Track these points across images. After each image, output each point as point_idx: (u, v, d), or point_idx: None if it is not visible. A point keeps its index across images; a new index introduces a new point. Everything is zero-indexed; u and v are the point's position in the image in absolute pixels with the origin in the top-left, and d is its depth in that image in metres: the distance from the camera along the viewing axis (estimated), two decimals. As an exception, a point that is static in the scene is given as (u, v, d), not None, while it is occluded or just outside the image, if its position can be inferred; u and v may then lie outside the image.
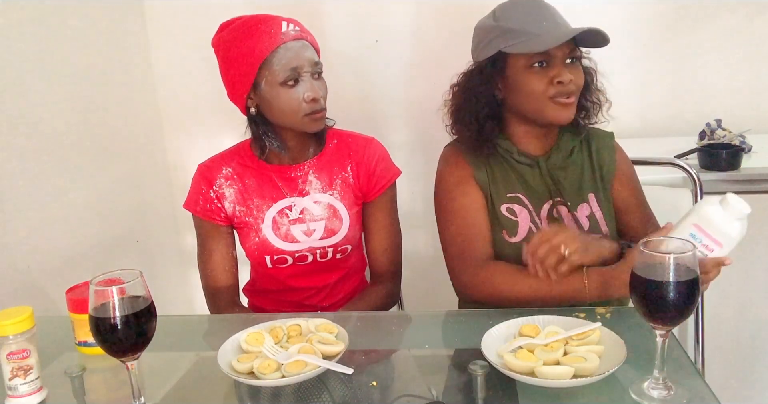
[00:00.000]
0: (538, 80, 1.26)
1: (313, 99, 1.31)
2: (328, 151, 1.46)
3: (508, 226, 1.34)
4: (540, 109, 1.28)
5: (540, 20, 1.26)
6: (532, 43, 1.24)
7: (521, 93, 1.29)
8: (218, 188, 1.43)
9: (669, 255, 0.86)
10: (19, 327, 0.97)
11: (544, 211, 1.36)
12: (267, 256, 1.43)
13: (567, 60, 1.27)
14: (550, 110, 1.28)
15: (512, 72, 1.29)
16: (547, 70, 1.26)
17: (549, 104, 1.27)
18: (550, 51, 1.25)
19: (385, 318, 1.31)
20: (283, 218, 1.42)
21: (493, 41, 1.28)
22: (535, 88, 1.27)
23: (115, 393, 1.07)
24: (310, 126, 1.35)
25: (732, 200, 1.04)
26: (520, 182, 1.37)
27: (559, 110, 1.28)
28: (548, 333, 1.04)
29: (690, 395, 0.92)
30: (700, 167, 1.79)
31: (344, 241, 1.44)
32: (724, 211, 1.04)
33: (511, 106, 1.34)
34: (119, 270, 0.92)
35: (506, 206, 1.35)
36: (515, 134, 1.38)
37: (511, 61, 1.29)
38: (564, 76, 1.25)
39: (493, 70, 1.31)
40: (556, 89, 1.26)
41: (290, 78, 1.30)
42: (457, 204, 1.35)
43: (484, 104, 1.33)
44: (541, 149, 1.38)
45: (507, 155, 1.37)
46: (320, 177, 1.44)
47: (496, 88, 1.33)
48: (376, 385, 1.00)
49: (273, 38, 1.30)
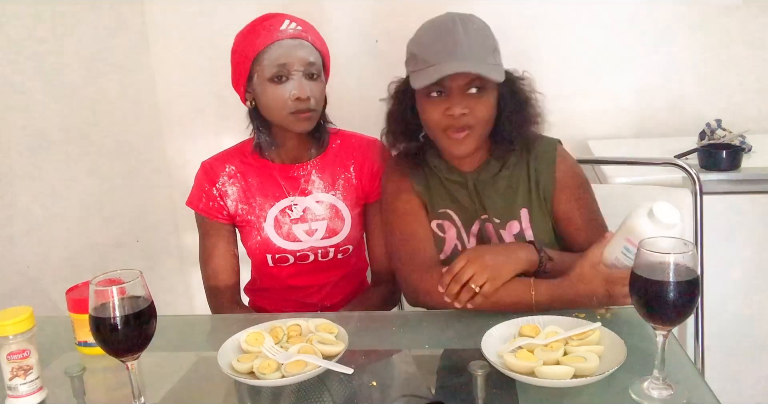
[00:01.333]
0: (433, 110, 1.23)
1: (298, 98, 1.31)
2: (332, 151, 1.46)
3: (436, 242, 1.33)
4: (438, 140, 1.26)
5: (437, 49, 1.20)
6: (418, 77, 1.20)
7: (422, 120, 1.27)
8: (221, 186, 1.43)
9: (669, 255, 0.86)
10: (19, 327, 0.97)
11: (474, 228, 1.33)
12: (268, 255, 1.43)
13: (471, 89, 1.21)
14: (445, 142, 1.25)
15: (418, 97, 1.27)
16: (444, 101, 1.22)
17: (444, 136, 1.24)
18: (445, 82, 1.19)
19: (385, 318, 1.31)
20: (285, 217, 1.42)
21: (406, 63, 1.27)
22: (430, 117, 1.23)
23: (115, 393, 1.07)
24: (295, 125, 1.35)
25: (658, 212, 1.01)
26: (450, 198, 1.34)
27: (452, 145, 1.24)
28: (548, 333, 1.04)
29: (690, 395, 0.91)
30: (700, 167, 1.80)
31: (346, 241, 1.44)
32: (652, 224, 1.02)
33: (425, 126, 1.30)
34: (119, 270, 0.91)
35: (437, 221, 1.34)
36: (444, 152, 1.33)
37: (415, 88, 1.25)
38: (454, 109, 1.20)
39: (406, 92, 1.29)
40: (449, 122, 1.21)
41: (277, 75, 1.31)
42: (399, 212, 1.34)
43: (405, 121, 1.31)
44: (471, 164, 1.33)
45: (437, 172, 1.34)
46: (323, 177, 1.44)
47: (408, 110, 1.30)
48: (376, 385, 1.00)
49: (269, 35, 1.31)
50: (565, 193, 1.32)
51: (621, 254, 1.08)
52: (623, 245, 1.07)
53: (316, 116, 1.36)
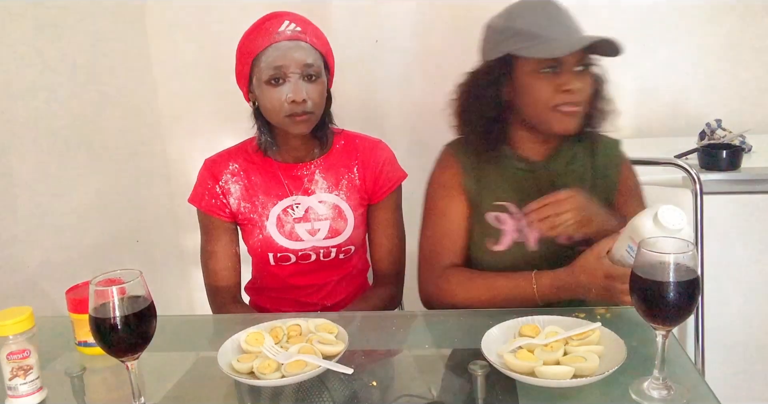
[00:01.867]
0: (545, 87, 1.22)
1: (293, 101, 1.30)
2: (335, 151, 1.46)
3: (492, 234, 1.32)
4: (544, 117, 1.24)
5: (553, 24, 1.22)
6: (543, 48, 1.20)
7: (526, 98, 1.25)
8: (224, 184, 1.43)
9: (669, 255, 0.86)
10: (19, 327, 0.97)
11: None
12: (270, 253, 1.43)
13: (577, 67, 1.22)
14: (554, 119, 1.24)
15: (519, 75, 1.25)
16: (556, 77, 1.22)
17: (554, 112, 1.23)
18: (561, 57, 1.20)
19: (385, 318, 1.31)
20: (287, 216, 1.43)
21: (504, 42, 1.24)
22: (541, 94, 1.22)
23: (115, 393, 1.07)
24: (292, 127, 1.34)
25: (663, 217, 1.02)
26: (513, 189, 1.33)
27: (563, 120, 1.23)
28: (548, 333, 1.04)
29: (690, 395, 0.92)
30: (700, 167, 1.80)
31: (348, 241, 1.45)
32: (656, 228, 1.02)
33: (516, 110, 1.30)
34: (119, 270, 0.91)
35: (494, 214, 1.33)
36: (516, 137, 1.34)
37: (520, 64, 1.25)
38: (572, 84, 1.20)
39: (501, 72, 1.27)
40: (563, 98, 1.21)
41: (273, 77, 1.31)
42: (438, 209, 1.35)
43: (491, 105, 1.29)
44: (541, 154, 1.34)
45: (505, 160, 1.34)
46: (326, 177, 1.44)
47: (501, 90, 1.29)
48: (376, 385, 1.00)
49: (267, 37, 1.31)
50: (625, 195, 1.34)
51: (625, 252, 1.09)
52: (628, 244, 1.08)
53: (315, 118, 1.36)
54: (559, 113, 1.23)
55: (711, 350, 1.64)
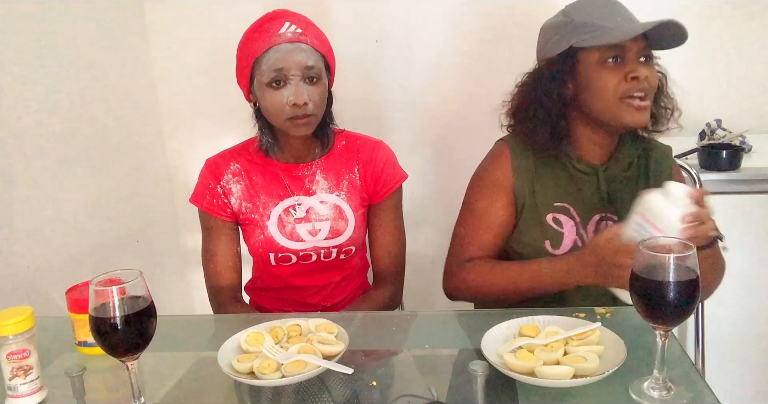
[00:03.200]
0: (612, 76, 1.21)
1: (294, 104, 1.30)
2: (336, 152, 1.46)
3: (552, 236, 1.30)
4: (612, 110, 1.22)
5: (613, 14, 1.22)
6: (605, 36, 1.19)
7: (593, 91, 1.23)
8: (225, 184, 1.43)
9: (669, 255, 0.86)
10: (19, 327, 0.97)
11: (592, 223, 1.31)
12: (271, 253, 1.43)
13: (641, 58, 1.22)
14: (623, 111, 1.22)
15: (584, 68, 1.24)
16: (621, 66, 1.21)
17: (622, 105, 1.21)
18: (625, 45, 1.20)
19: (385, 318, 1.31)
20: (288, 217, 1.43)
21: (564, 37, 1.24)
22: (607, 84, 1.21)
23: (115, 393, 1.07)
24: (293, 130, 1.34)
25: (671, 188, 1.08)
26: (572, 190, 1.32)
27: (633, 113, 1.22)
28: (548, 333, 1.04)
29: (690, 395, 0.92)
30: (700, 167, 1.80)
31: (349, 242, 1.45)
32: (665, 199, 1.08)
33: (581, 106, 1.27)
34: (119, 270, 0.91)
35: (552, 215, 1.31)
36: (577, 139, 1.32)
37: (583, 56, 1.24)
38: (639, 71, 1.19)
39: (564, 67, 1.26)
40: (630, 86, 1.20)
41: (275, 79, 1.30)
42: (479, 205, 1.34)
43: (555, 102, 1.27)
44: (601, 158, 1.32)
45: (566, 161, 1.32)
46: (327, 177, 1.44)
47: (565, 87, 1.27)
48: (376, 385, 1.00)
49: (268, 39, 1.31)
50: None
51: (633, 230, 1.11)
52: (636, 222, 1.10)
53: (316, 120, 1.36)
54: (629, 106, 1.21)
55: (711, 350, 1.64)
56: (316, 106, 1.33)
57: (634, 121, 1.23)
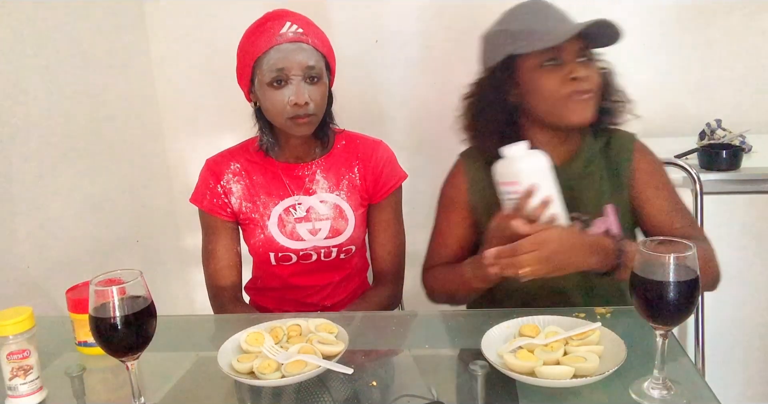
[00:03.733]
0: (552, 79, 1.22)
1: (296, 104, 1.30)
2: (336, 151, 1.46)
3: None
4: (557, 109, 1.23)
5: (547, 19, 1.23)
6: (540, 41, 1.20)
7: (536, 95, 1.24)
8: (226, 184, 1.43)
9: (669, 255, 0.86)
10: (19, 327, 0.97)
11: None
12: (271, 253, 1.43)
13: (579, 58, 1.23)
14: (568, 110, 1.22)
15: (524, 74, 1.25)
16: (560, 68, 1.22)
17: (566, 103, 1.22)
18: (562, 47, 1.21)
19: (385, 318, 1.31)
20: (289, 216, 1.43)
21: (502, 45, 1.25)
22: (549, 86, 1.22)
23: (115, 393, 1.07)
24: (294, 130, 1.34)
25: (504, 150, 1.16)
26: None
27: (577, 109, 1.22)
28: (548, 333, 1.04)
29: (690, 395, 0.92)
30: (700, 167, 1.80)
31: (349, 241, 1.45)
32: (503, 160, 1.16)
33: (528, 110, 1.28)
34: (119, 270, 0.91)
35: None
36: (532, 143, 1.28)
37: (522, 63, 1.24)
38: (578, 72, 1.20)
39: (505, 76, 1.27)
40: (572, 87, 1.21)
41: (276, 79, 1.31)
42: (439, 223, 1.40)
43: (496, 110, 1.29)
44: (561, 157, 1.31)
45: None
46: (327, 177, 1.45)
47: (509, 94, 1.28)
48: (376, 385, 1.00)
49: (269, 39, 1.31)
50: (644, 181, 1.30)
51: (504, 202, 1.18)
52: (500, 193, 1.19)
53: (316, 120, 1.36)
54: (572, 102, 1.22)
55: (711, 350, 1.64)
56: (316, 105, 1.33)
57: (579, 118, 1.23)
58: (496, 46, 1.27)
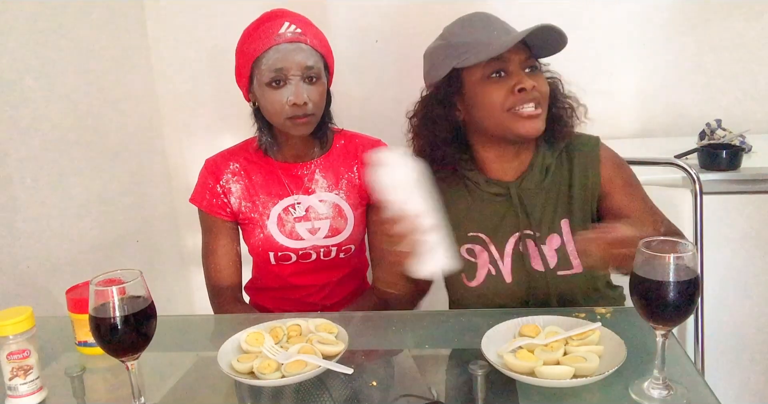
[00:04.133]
0: (497, 91, 1.17)
1: (294, 104, 1.31)
2: (335, 151, 1.47)
3: (467, 269, 1.26)
4: (503, 123, 1.18)
5: (489, 30, 1.20)
6: (483, 52, 1.16)
7: (481, 108, 1.19)
8: (225, 184, 1.43)
9: (669, 255, 0.86)
10: (19, 327, 0.97)
11: (509, 245, 1.25)
12: (271, 252, 1.43)
13: (526, 69, 1.19)
14: (514, 123, 1.17)
15: (469, 88, 1.21)
16: (506, 80, 1.17)
17: (512, 116, 1.17)
18: (506, 58, 1.16)
19: (385, 318, 1.31)
20: (288, 216, 1.43)
21: (445, 60, 1.21)
22: (494, 99, 1.17)
23: (115, 393, 1.07)
24: (293, 129, 1.35)
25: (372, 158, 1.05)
26: (485, 217, 1.27)
27: (524, 122, 1.17)
28: (548, 333, 1.04)
29: (690, 395, 0.92)
30: (700, 167, 1.79)
31: (348, 241, 1.45)
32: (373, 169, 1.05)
33: (474, 125, 1.24)
34: (119, 270, 0.92)
35: (467, 246, 1.27)
36: (483, 159, 1.27)
37: (467, 76, 1.20)
38: (525, 82, 1.15)
39: (449, 90, 1.23)
40: (518, 98, 1.16)
41: (274, 79, 1.31)
42: None
43: (444, 127, 1.24)
44: (514, 172, 1.27)
45: (474, 187, 1.28)
46: (326, 176, 1.45)
47: (455, 110, 1.24)
48: (376, 385, 1.00)
49: (268, 39, 1.31)
50: (615, 188, 1.26)
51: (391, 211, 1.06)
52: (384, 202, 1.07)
53: (315, 120, 1.36)
54: (518, 116, 1.17)
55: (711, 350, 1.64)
56: (315, 105, 1.33)
57: (527, 130, 1.18)
58: (439, 61, 1.23)
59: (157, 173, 2.28)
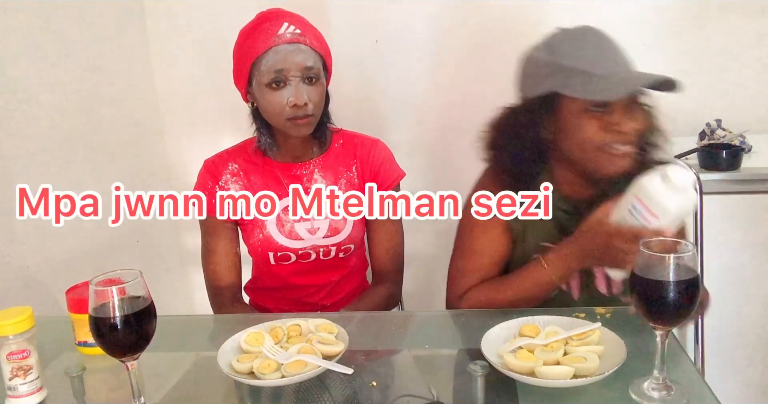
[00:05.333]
0: (595, 127, 1.12)
1: (295, 104, 1.30)
2: (334, 150, 1.47)
3: None
4: (592, 158, 1.15)
5: (601, 58, 1.12)
6: (595, 89, 1.09)
7: (573, 139, 1.15)
8: (224, 184, 1.43)
9: (669, 255, 0.86)
10: (19, 327, 0.97)
11: None
12: (270, 253, 1.43)
13: (629, 105, 1.14)
14: (604, 160, 1.14)
15: (565, 114, 1.15)
16: (606, 116, 1.12)
17: (604, 154, 1.13)
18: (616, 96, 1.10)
19: (385, 318, 1.31)
20: (287, 216, 1.43)
21: (548, 79, 1.15)
22: (590, 135, 1.12)
23: (115, 393, 1.07)
24: (293, 130, 1.35)
25: (672, 173, 1.01)
26: (557, 230, 1.25)
27: (614, 161, 1.13)
28: (548, 333, 1.04)
29: (690, 395, 0.92)
30: (700, 167, 1.80)
31: (347, 240, 1.45)
32: (663, 184, 1.01)
33: (558, 148, 1.20)
34: (119, 270, 0.91)
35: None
36: (558, 177, 1.24)
37: (565, 102, 1.15)
38: (626, 125, 1.11)
39: (543, 110, 1.17)
40: (615, 138, 1.12)
41: (274, 81, 1.30)
42: (476, 244, 1.28)
43: (529, 145, 1.20)
44: (587, 194, 1.24)
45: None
46: (325, 176, 1.45)
47: (544, 129, 1.19)
48: (376, 385, 1.00)
49: (267, 40, 1.31)
50: None
51: (628, 212, 1.06)
52: (631, 204, 1.05)
53: (315, 120, 1.36)
54: (610, 155, 1.13)
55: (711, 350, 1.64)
56: (315, 106, 1.34)
57: (615, 169, 1.15)
58: (541, 77, 1.16)
59: (157, 173, 2.28)
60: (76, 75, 1.83)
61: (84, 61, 1.87)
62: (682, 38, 2.08)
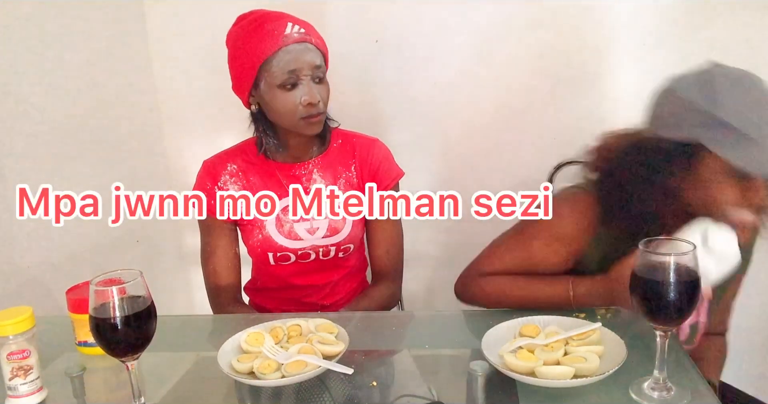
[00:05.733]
0: (735, 192, 1.03)
1: (309, 103, 1.31)
2: (333, 150, 1.47)
3: None
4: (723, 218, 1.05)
5: (761, 119, 0.99)
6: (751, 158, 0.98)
7: (707, 199, 1.05)
8: (223, 185, 1.43)
9: (669, 256, 0.86)
10: (19, 327, 0.97)
11: None
12: (270, 253, 1.43)
13: None
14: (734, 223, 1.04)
15: (704, 171, 1.03)
16: (749, 183, 1.02)
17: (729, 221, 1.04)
18: None
19: (385, 318, 1.31)
20: (286, 216, 1.43)
21: (697, 128, 1.02)
22: (727, 200, 1.03)
23: (115, 393, 1.07)
24: (306, 129, 1.35)
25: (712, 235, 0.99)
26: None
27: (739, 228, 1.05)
28: (548, 333, 1.04)
29: (690, 395, 0.92)
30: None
31: (347, 240, 1.45)
32: (701, 242, 0.99)
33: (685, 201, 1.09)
34: (119, 270, 0.91)
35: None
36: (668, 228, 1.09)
37: (709, 159, 1.02)
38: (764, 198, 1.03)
39: (680, 155, 1.05)
40: (749, 204, 1.03)
41: (288, 81, 1.30)
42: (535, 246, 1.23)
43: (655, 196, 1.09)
44: None
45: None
46: (324, 176, 1.45)
47: (673, 177, 1.07)
48: (376, 385, 1.00)
49: (275, 40, 1.30)
50: None
51: None
52: None
53: (324, 118, 1.37)
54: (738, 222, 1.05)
55: (711, 350, 1.64)
56: (325, 104, 1.35)
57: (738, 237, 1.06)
58: (685, 121, 1.04)
59: (157, 173, 2.28)
60: (74, 75, 1.83)
61: (83, 62, 1.87)
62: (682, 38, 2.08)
